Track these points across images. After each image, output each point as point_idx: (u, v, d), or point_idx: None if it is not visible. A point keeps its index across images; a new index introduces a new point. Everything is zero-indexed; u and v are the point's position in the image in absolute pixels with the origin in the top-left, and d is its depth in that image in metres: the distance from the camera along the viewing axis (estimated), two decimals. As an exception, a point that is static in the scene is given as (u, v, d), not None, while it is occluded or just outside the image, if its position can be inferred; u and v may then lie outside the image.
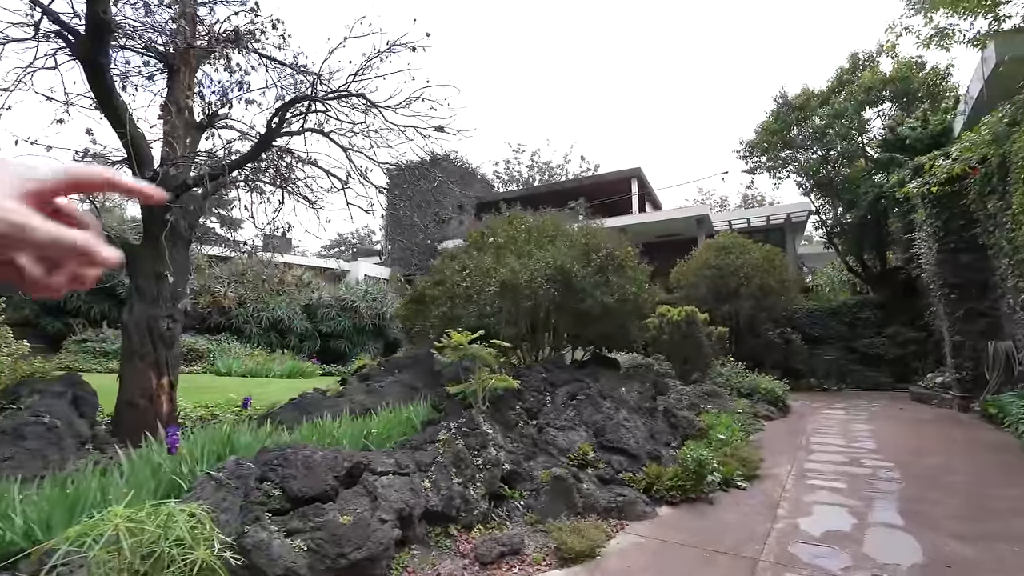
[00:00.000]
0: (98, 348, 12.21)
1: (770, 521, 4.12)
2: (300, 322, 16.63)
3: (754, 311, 13.85)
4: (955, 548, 3.45)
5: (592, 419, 5.21)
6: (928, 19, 7.67)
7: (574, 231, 7.03)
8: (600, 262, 6.50)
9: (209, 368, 12.70)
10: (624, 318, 6.53)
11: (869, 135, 17.91)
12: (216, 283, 15.10)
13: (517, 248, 6.88)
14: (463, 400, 4.78)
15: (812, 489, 4.92)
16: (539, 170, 38.25)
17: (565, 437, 4.84)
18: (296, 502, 3.18)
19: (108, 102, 4.45)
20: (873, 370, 14.72)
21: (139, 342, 4.87)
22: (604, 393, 5.68)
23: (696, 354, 11.00)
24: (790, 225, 19.45)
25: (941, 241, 9.50)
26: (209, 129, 5.74)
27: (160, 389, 4.97)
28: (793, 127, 19.03)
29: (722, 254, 13.70)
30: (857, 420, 8.70)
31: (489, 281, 6.15)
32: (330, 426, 4.10)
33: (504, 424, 4.78)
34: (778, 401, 9.63)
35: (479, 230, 7.48)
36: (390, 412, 4.80)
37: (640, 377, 6.55)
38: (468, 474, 3.96)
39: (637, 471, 4.84)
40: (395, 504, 3.38)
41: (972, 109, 10.55)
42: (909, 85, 15.64)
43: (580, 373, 6.08)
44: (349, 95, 4.88)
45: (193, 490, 2.75)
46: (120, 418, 4.84)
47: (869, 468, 5.60)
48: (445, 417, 4.66)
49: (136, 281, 4.96)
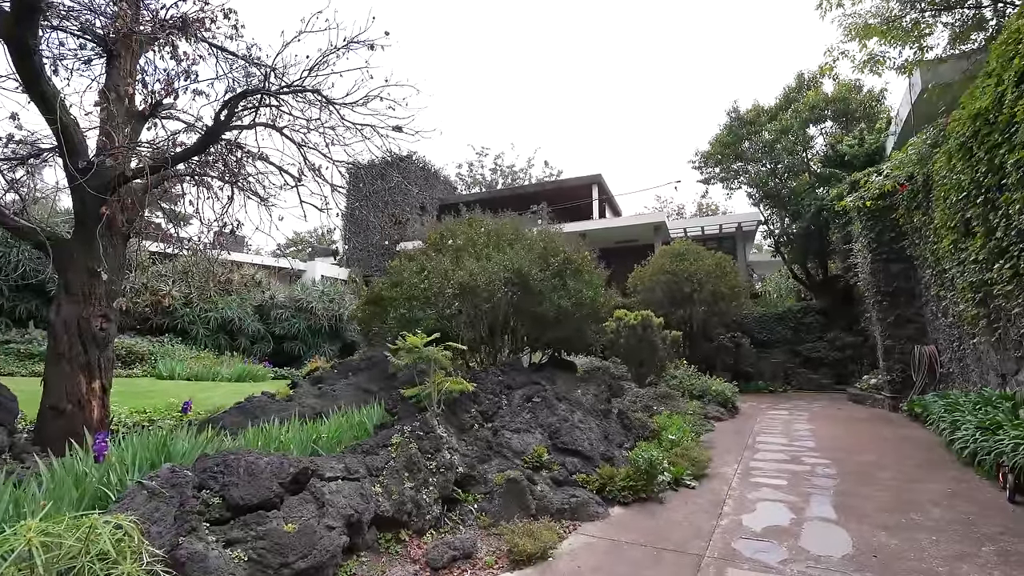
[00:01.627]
0: (23, 350, 11.31)
1: (715, 518, 4.27)
2: (252, 323, 15.98)
3: (707, 316, 14.37)
4: (881, 539, 3.68)
5: (548, 421, 5.25)
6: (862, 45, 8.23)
7: (533, 235, 7.09)
8: (558, 266, 6.58)
9: (150, 371, 11.99)
10: (581, 322, 6.63)
11: (813, 151, 18.99)
12: (159, 281, 14.29)
13: (476, 251, 6.88)
14: (418, 403, 4.72)
15: (756, 487, 5.14)
16: (502, 174, 38.37)
17: (520, 440, 4.86)
18: (238, 511, 3.04)
19: (36, 86, 4.14)
20: (815, 373, 15.55)
21: (68, 343, 4.54)
22: (560, 395, 5.74)
23: (651, 357, 11.28)
24: (741, 234, 20.33)
25: (874, 252, 10.16)
26: (152, 119, 5.44)
27: (91, 393, 4.65)
28: (744, 140, 19.91)
29: (677, 260, 14.14)
30: (799, 420, 9.16)
31: (447, 283, 6.11)
32: (277, 431, 3.95)
33: (459, 427, 4.75)
34: (728, 403, 10.02)
35: (438, 232, 7.42)
36: (342, 416, 4.68)
37: (596, 380, 6.66)
38: (421, 478, 3.90)
39: (591, 472, 4.91)
40: (343, 510, 3.29)
41: (901, 130, 11.40)
42: (848, 106, 16.70)
43: (537, 376, 6.12)
44: (304, 90, 4.75)
45: (122, 500, 2.59)
46: (43, 425, 4.49)
47: (808, 465, 5.90)
48: (399, 421, 4.58)
49: (66, 277, 4.63)
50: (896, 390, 9.55)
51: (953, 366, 7.75)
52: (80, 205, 4.71)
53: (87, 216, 4.70)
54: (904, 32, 7.67)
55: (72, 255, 4.64)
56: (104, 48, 5.31)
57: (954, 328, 7.49)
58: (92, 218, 4.65)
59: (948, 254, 6.89)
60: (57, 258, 4.61)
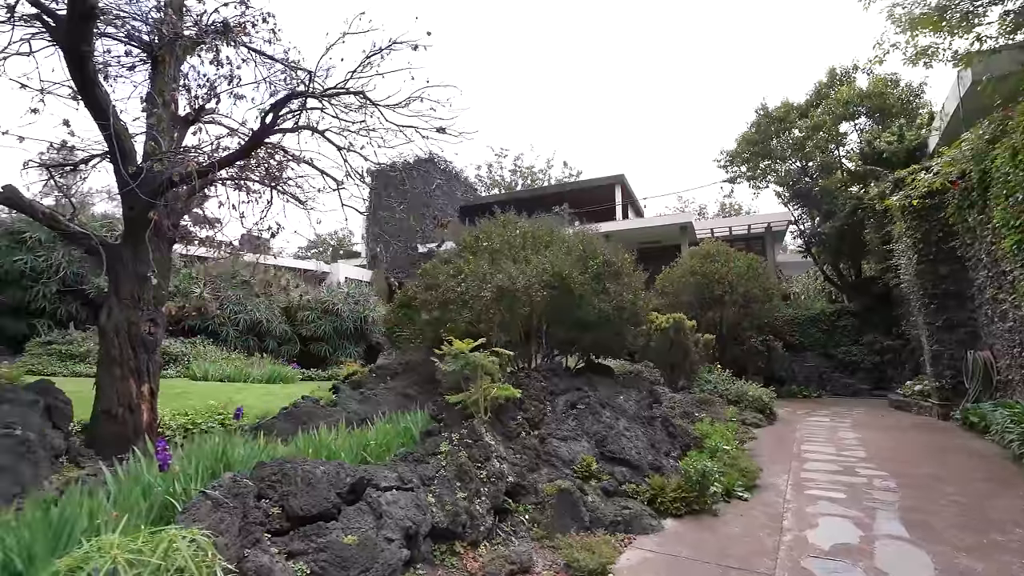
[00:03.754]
0: (64, 351, 11.57)
1: (777, 534, 4.09)
2: (279, 325, 16.15)
3: (738, 318, 14.04)
4: (965, 561, 3.45)
5: (593, 429, 5.12)
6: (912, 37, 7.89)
7: (570, 237, 6.96)
8: (597, 269, 6.43)
9: (184, 372, 12.17)
10: (621, 325, 6.47)
11: (846, 148, 18.46)
12: (192, 285, 14.53)
13: (513, 253, 6.77)
14: (463, 410, 4.63)
15: (813, 500, 4.92)
16: (522, 175, 38.28)
17: (568, 448, 4.73)
18: (297, 521, 2.99)
19: (90, 93, 4.18)
20: (851, 377, 15.09)
21: (119, 347, 4.57)
22: (603, 402, 5.60)
23: (683, 361, 11.06)
24: (771, 234, 19.86)
25: (920, 252, 9.76)
26: (195, 124, 5.47)
27: (141, 397, 4.68)
28: (773, 138, 19.46)
29: (707, 262, 13.85)
30: (843, 428, 8.84)
31: (485, 286, 6.01)
32: (327, 438, 3.90)
33: (506, 435, 4.65)
34: (765, 409, 9.74)
35: (473, 234, 7.34)
36: (387, 422, 4.62)
37: (636, 385, 6.50)
38: (473, 488, 3.81)
39: (640, 482, 4.76)
40: (401, 522, 3.22)
41: (947, 125, 10.93)
42: (884, 101, 16.16)
43: (577, 381, 5.99)
44: (349, 92, 4.70)
45: (188, 511, 2.54)
46: (97, 429, 4.53)
47: (863, 477, 5.65)
48: (445, 427, 4.50)
49: (116, 282, 4.67)
50: (946, 397, 9.15)
51: (1013, 373, 7.36)
52: (129, 210, 4.74)
53: (136, 221, 4.74)
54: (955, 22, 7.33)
55: (123, 260, 4.68)
56: (149, 54, 5.35)
57: (1015, 333, 7.11)
58: (141, 223, 4.67)
59: (1010, 255, 6.54)
60: (109, 264, 4.64)
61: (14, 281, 12.06)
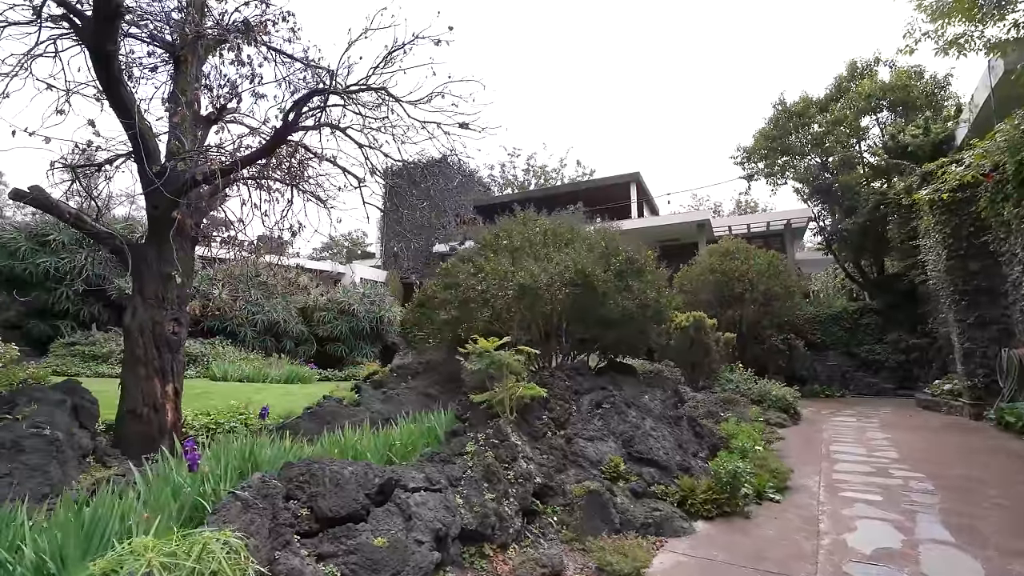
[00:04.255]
0: (87, 351, 11.75)
1: (814, 537, 3.95)
2: (296, 325, 16.25)
3: (758, 316, 13.79)
4: (1019, 568, 3.29)
5: (619, 429, 5.01)
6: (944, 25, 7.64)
7: (592, 234, 6.85)
8: (620, 266, 6.32)
9: (204, 372, 12.29)
10: (646, 323, 6.35)
11: (867, 142, 18.06)
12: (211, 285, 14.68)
13: (534, 251, 6.68)
14: (488, 409, 4.56)
15: (848, 502, 4.76)
16: (535, 174, 38.15)
17: (595, 448, 4.63)
18: (326, 522, 2.94)
19: (115, 93, 4.18)
20: (874, 376, 14.74)
21: (143, 347, 4.58)
22: (628, 401, 5.49)
23: (704, 360, 10.88)
24: (790, 231, 19.51)
25: (950, 248, 9.47)
26: (218, 123, 5.47)
27: (166, 397, 4.69)
28: (791, 134, 19.12)
29: (726, 259, 13.63)
30: (871, 428, 8.61)
31: (506, 285, 5.93)
32: (353, 438, 3.85)
33: (532, 435, 4.56)
34: (789, 408, 9.52)
35: (492, 232, 7.27)
36: (412, 422, 4.56)
37: (661, 384, 6.37)
38: (500, 489, 3.73)
39: (669, 483, 4.65)
40: (431, 524, 3.15)
41: (976, 116, 10.60)
42: (908, 94, 15.76)
43: (601, 380, 5.88)
44: (371, 89, 4.66)
45: (218, 512, 2.50)
46: (122, 428, 4.54)
47: (899, 479, 5.46)
48: (470, 427, 4.43)
49: (141, 281, 4.68)
50: (978, 397, 8.86)
51: (1052, 371, 7.09)
52: (153, 209, 4.75)
53: (160, 221, 4.74)
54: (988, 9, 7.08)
55: (147, 259, 4.68)
56: (171, 54, 5.37)
57: (1055, 330, 6.85)
58: (165, 222, 4.68)
59: (1050, 249, 6.29)
60: (133, 263, 4.65)
61: (39, 283, 12.27)
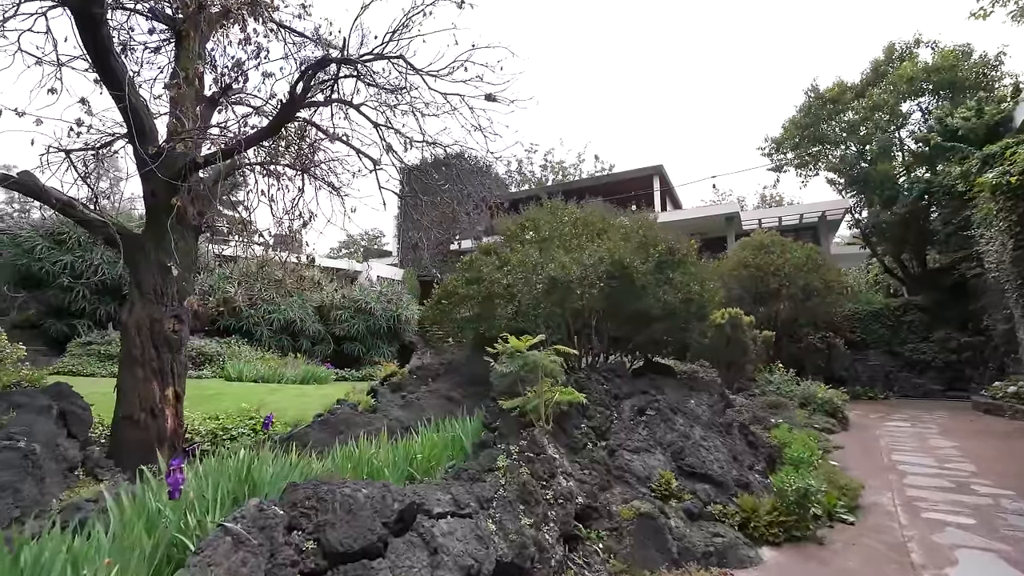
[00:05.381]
0: (103, 351, 11.55)
1: (909, 571, 3.33)
2: (312, 324, 15.95)
3: (794, 314, 13.00)
4: None
5: (667, 439, 4.44)
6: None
7: (628, 223, 6.26)
8: (660, 257, 5.73)
9: (219, 373, 12.03)
10: (688, 319, 5.76)
11: (908, 128, 17.05)
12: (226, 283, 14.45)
13: (564, 242, 6.13)
14: (520, 417, 4.02)
15: (935, 525, 4.11)
16: (552, 170, 37.51)
17: (641, 461, 4.07)
18: (335, 558, 2.44)
19: (105, 63, 3.76)
20: (920, 377, 13.83)
21: (140, 346, 4.16)
22: (673, 407, 4.91)
23: (740, 360, 10.21)
24: (824, 223, 18.55)
25: (1017, 236, 8.64)
26: (221, 102, 5.04)
27: (165, 401, 4.26)
28: (824, 122, 18.19)
29: (760, 253, 12.87)
30: (931, 434, 7.86)
31: (535, 278, 5.39)
32: (368, 451, 3.36)
33: (570, 446, 4.02)
34: (837, 412, 8.80)
35: (517, 222, 6.73)
36: (434, 431, 4.05)
37: (705, 387, 5.77)
38: (539, 512, 3.20)
39: (727, 502, 4.06)
40: (459, 558, 2.63)
41: (1042, 95, 9.71)
42: (955, 75, 14.75)
43: (641, 383, 5.31)
44: (385, 57, 4.16)
45: (202, 552, 2.02)
46: (118, 436, 4.13)
47: (986, 496, 4.78)
48: (500, 438, 3.90)
49: (137, 275, 4.26)
50: (1051, 400, 8.03)
51: None
52: (151, 196, 4.33)
53: (158, 208, 4.32)
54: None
55: (144, 249, 4.27)
56: (173, 30, 4.95)
57: None
58: (164, 210, 4.26)
59: None
60: (128, 254, 4.23)
61: (56, 282, 12.14)
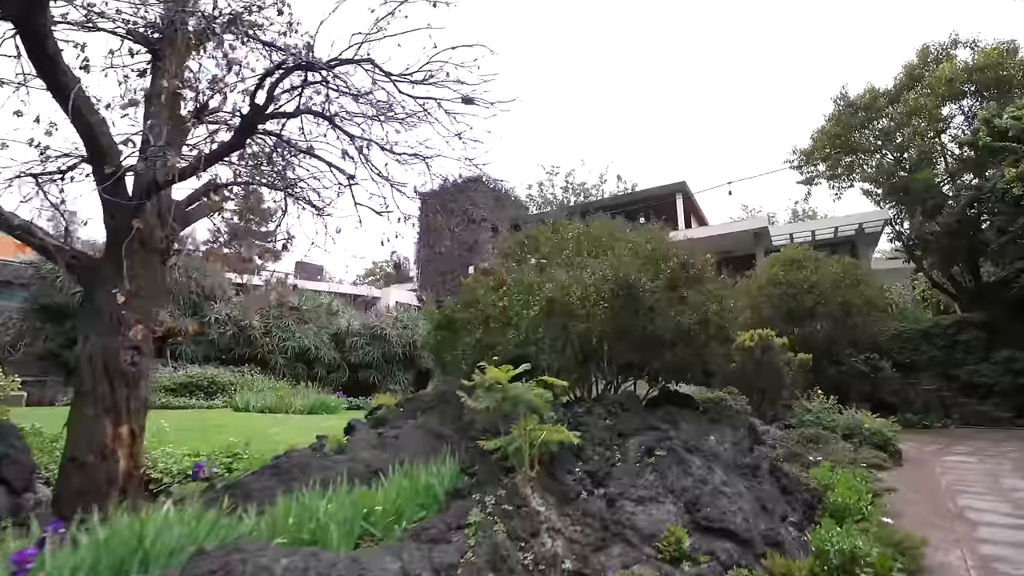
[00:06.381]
0: (116, 381, 11.58)
1: (999, 670, 2.57)
2: (328, 352, 15.76)
3: (834, 334, 11.98)
4: None
5: (679, 485, 3.78)
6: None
7: (636, 237, 5.71)
8: (672, 274, 5.14)
9: (229, 403, 11.85)
10: (706, 342, 5.11)
11: (949, 133, 15.98)
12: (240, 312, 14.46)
13: (565, 260, 5.62)
14: (502, 459, 3.47)
15: (1025, 599, 3.30)
16: (574, 191, 37.15)
17: (646, 514, 3.43)
18: (235, 655, 1.94)
19: (52, 77, 3.55)
20: (982, 403, 12.47)
21: (92, 380, 3.83)
22: (689, 445, 4.24)
23: (774, 386, 9.34)
24: (863, 237, 17.40)
25: (1089, 244, 7.62)
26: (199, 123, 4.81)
27: (118, 441, 3.89)
28: (857, 130, 17.29)
29: (792, 269, 11.99)
30: (1003, 472, 6.81)
31: (532, 300, 4.89)
32: (315, 503, 2.86)
33: (560, 495, 3.42)
34: (887, 445, 7.81)
35: (516, 240, 6.27)
36: (404, 477, 3.53)
37: (729, 420, 5.07)
38: (513, 584, 2.61)
39: (753, 566, 3.36)
40: (397, 654, 2.08)
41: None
42: (1000, 73, 13.76)
43: (653, 417, 4.67)
44: (355, 61, 3.83)
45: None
46: (64, 480, 3.76)
47: (1086, 557, 3.89)
48: (478, 485, 3.35)
49: (93, 302, 3.97)
50: None
51: None
52: (110, 219, 4.06)
53: (119, 231, 4.05)
54: None
55: (101, 275, 3.98)
56: (149, 49, 4.79)
57: None
58: (124, 233, 3.98)
59: None
60: (84, 280, 3.96)
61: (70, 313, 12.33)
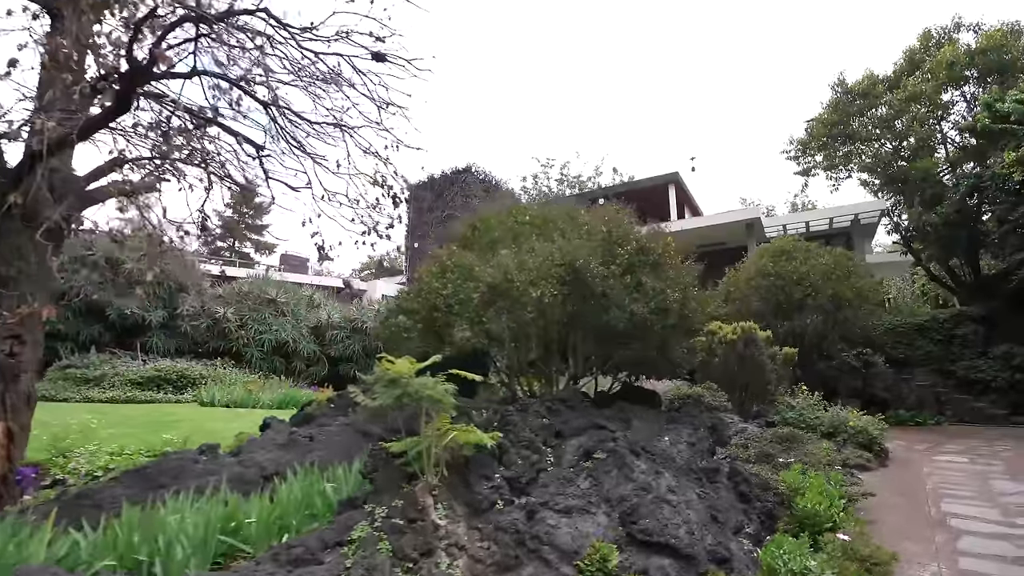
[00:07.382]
0: (79, 375, 11.20)
1: None
2: (307, 345, 15.36)
3: (824, 328, 11.52)
4: None
5: (617, 492, 3.34)
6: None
7: (591, 219, 5.25)
8: (628, 258, 4.69)
9: (199, 397, 11.45)
10: (665, 335, 4.67)
11: (950, 120, 15.39)
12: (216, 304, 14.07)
13: (516, 243, 5.17)
14: (408, 465, 3.04)
15: (1004, 627, 2.86)
16: (568, 184, 36.55)
17: (571, 527, 2.99)
18: None
19: None
20: (979, 399, 12.01)
21: (-40, 374, 3.41)
22: (636, 447, 3.80)
23: (756, 381, 8.89)
24: (859, 228, 16.89)
25: (1092, 230, 7.13)
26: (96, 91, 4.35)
27: (-9, 441, 3.47)
28: (855, 118, 16.70)
29: (782, 260, 11.51)
30: (994, 474, 6.36)
31: (471, 285, 4.44)
32: (170, 515, 2.43)
33: (471, 505, 2.99)
34: (872, 444, 7.36)
35: (469, 223, 5.83)
36: (302, 481, 3.10)
37: (690, 418, 4.62)
38: (384, 616, 2.19)
39: (693, 586, 2.93)
40: None
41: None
42: (1002, 56, 13.17)
43: (603, 414, 4.23)
44: (249, 12, 3.38)
45: None
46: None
47: (1078, 575, 3.45)
48: (375, 494, 2.92)
49: (-36, 288, 3.54)
50: None
51: None
52: (-16, 192, 3.63)
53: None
54: None
55: (-28, 258, 3.55)
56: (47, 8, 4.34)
57: None
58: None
59: None
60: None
61: (36, 304, 11.92)
